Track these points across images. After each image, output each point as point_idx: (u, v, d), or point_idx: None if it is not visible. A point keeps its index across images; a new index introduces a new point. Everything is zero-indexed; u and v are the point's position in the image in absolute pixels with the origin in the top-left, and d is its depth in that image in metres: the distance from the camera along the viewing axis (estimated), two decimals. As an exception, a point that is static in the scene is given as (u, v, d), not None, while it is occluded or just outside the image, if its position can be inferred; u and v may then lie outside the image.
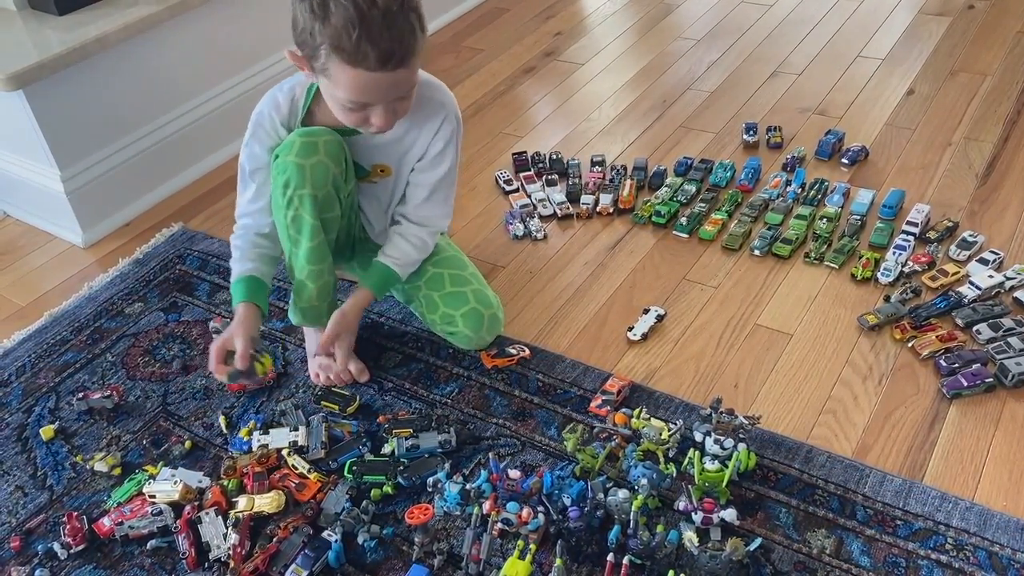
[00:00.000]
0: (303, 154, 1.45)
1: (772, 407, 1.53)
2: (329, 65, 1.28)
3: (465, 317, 1.61)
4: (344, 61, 1.26)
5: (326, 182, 1.48)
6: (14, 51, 1.97)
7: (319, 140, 1.46)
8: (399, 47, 1.25)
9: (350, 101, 1.33)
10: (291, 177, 1.46)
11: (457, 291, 1.63)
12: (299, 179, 1.46)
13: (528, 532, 1.31)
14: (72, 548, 1.38)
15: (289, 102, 1.50)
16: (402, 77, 1.31)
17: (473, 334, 1.62)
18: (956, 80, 2.43)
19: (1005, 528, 1.29)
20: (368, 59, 1.25)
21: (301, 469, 1.46)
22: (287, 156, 1.46)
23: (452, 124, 1.54)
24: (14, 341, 1.84)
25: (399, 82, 1.32)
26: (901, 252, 1.80)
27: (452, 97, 1.55)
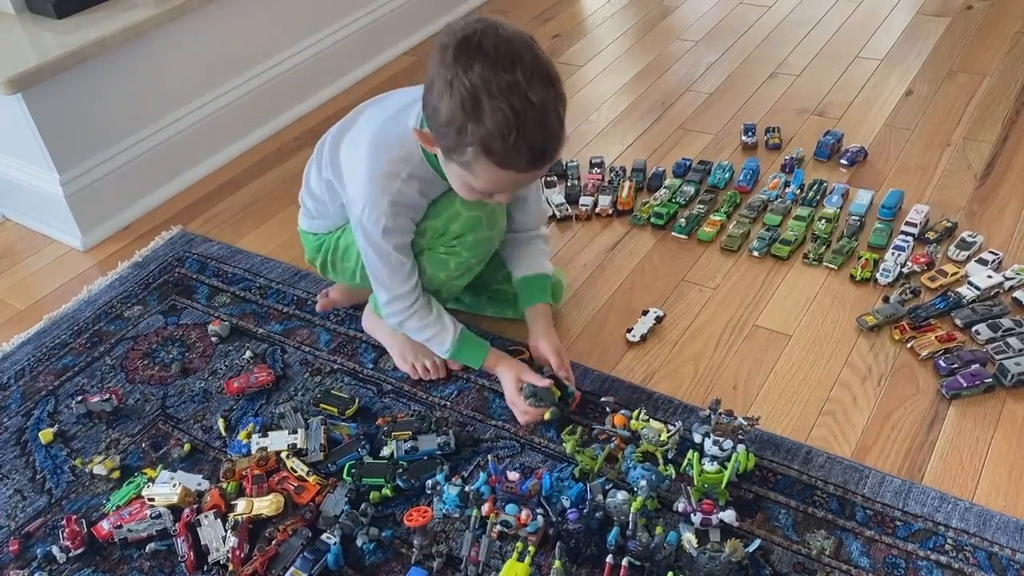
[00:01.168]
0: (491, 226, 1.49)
1: (771, 408, 1.53)
2: (475, 163, 1.23)
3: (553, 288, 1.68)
4: (494, 163, 1.21)
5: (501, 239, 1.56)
6: (13, 55, 1.97)
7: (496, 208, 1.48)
8: (551, 147, 1.21)
9: (484, 191, 1.32)
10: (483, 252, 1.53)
11: None
12: (488, 249, 1.54)
13: (527, 534, 1.31)
14: (71, 551, 1.38)
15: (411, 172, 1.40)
16: (545, 169, 1.28)
17: (555, 303, 1.71)
18: (955, 80, 2.43)
19: (1004, 528, 1.29)
20: (520, 162, 1.21)
21: (300, 472, 1.46)
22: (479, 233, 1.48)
23: None
24: (13, 345, 1.84)
25: (540, 174, 1.30)
26: (900, 253, 1.80)
27: None
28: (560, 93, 1.22)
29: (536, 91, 1.17)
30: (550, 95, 1.19)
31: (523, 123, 1.16)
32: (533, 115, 1.17)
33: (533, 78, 1.17)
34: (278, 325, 1.81)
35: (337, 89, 2.72)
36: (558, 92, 1.21)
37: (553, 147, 1.22)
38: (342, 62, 2.72)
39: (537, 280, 1.63)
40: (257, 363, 1.71)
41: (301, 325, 1.80)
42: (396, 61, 2.86)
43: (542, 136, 1.19)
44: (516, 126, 1.16)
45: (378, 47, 2.84)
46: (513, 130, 1.16)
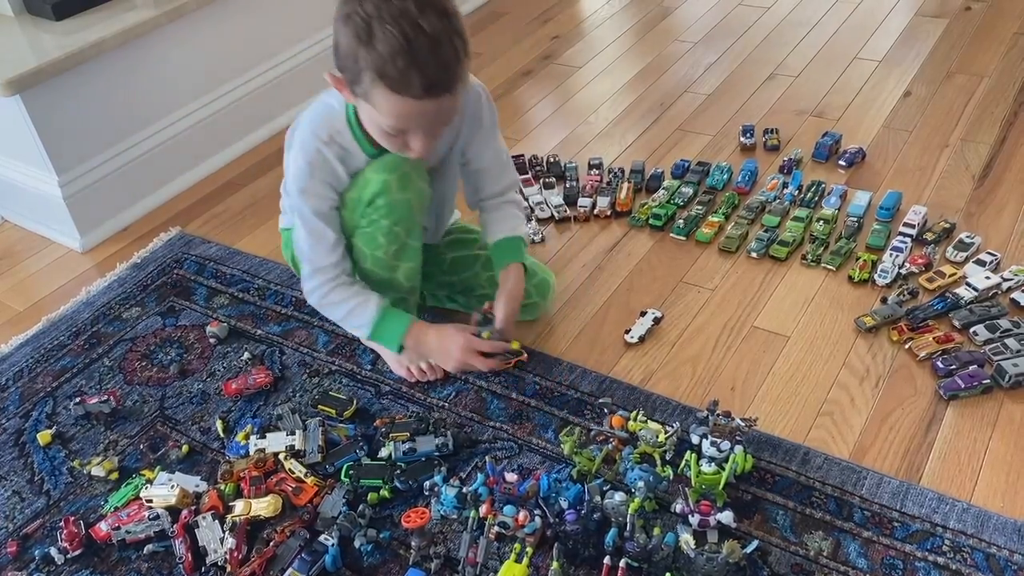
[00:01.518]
0: (404, 188, 1.45)
1: (769, 409, 1.53)
2: (372, 91, 1.26)
3: (537, 287, 1.69)
4: (388, 88, 1.23)
5: (424, 205, 1.51)
6: (11, 56, 1.97)
7: (409, 169, 1.45)
8: (445, 75, 1.23)
9: (391, 127, 1.32)
10: (401, 215, 1.47)
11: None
12: (408, 213, 1.48)
13: (525, 535, 1.31)
14: (69, 553, 1.38)
15: (331, 136, 1.44)
16: (447, 105, 1.29)
17: (543, 302, 1.71)
18: (953, 82, 2.43)
19: (1002, 529, 1.29)
20: (414, 87, 1.22)
21: (298, 473, 1.46)
22: (390, 197, 1.44)
23: (483, 97, 1.53)
24: (12, 346, 1.84)
25: (444, 110, 1.30)
26: (898, 254, 1.81)
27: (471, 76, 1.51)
28: (456, 28, 1.24)
29: (429, 19, 1.20)
30: (445, 25, 1.21)
31: (414, 48, 1.19)
32: (424, 41, 1.19)
33: (426, 7, 1.20)
34: (276, 326, 1.81)
35: (336, 90, 2.71)
36: (454, 26, 1.23)
37: (448, 77, 1.24)
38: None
39: (507, 242, 1.62)
40: (255, 364, 1.71)
41: (299, 326, 1.80)
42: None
43: (434, 62, 1.21)
44: (406, 50, 1.19)
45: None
46: (403, 54, 1.19)
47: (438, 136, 1.39)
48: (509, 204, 1.67)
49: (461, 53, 1.24)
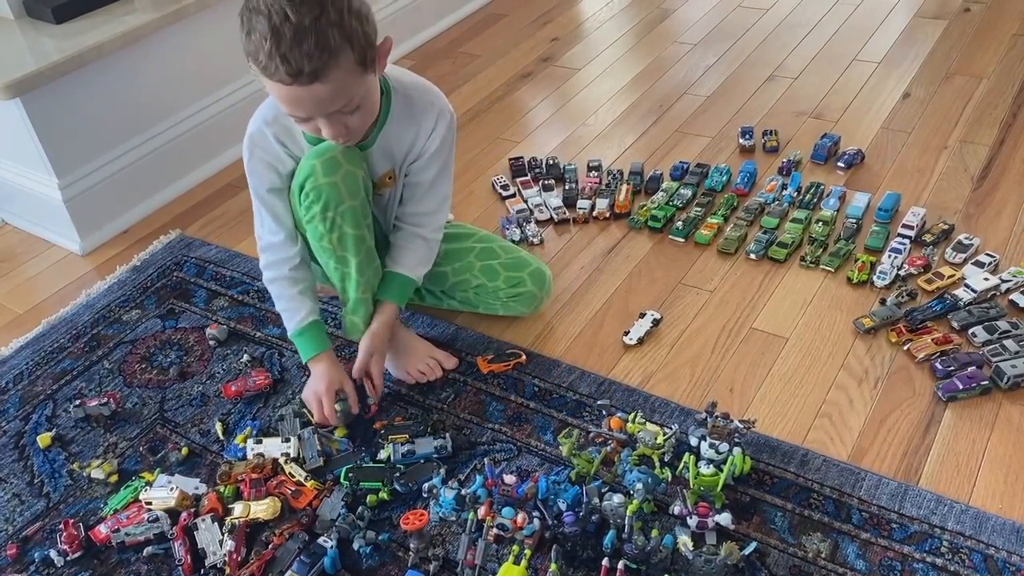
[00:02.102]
0: (329, 172, 1.44)
1: (768, 411, 1.53)
2: (258, 77, 1.30)
3: (532, 276, 1.70)
4: (262, 74, 1.27)
5: (358, 189, 1.48)
6: (11, 59, 1.97)
7: (336, 153, 1.45)
8: (308, 63, 1.23)
9: (289, 114, 1.35)
10: (328, 198, 1.45)
11: (514, 257, 1.72)
12: (336, 196, 1.45)
13: (523, 537, 1.31)
14: (69, 555, 1.38)
15: (275, 116, 1.48)
16: (324, 92, 1.28)
17: (539, 291, 1.71)
18: (952, 83, 2.43)
19: (1000, 531, 1.29)
20: (279, 72, 1.24)
21: (298, 477, 1.46)
22: (316, 181, 1.44)
23: (447, 121, 1.54)
24: (12, 349, 1.84)
25: (322, 98, 1.29)
26: (897, 255, 1.81)
27: (444, 99, 1.55)
28: (331, 19, 1.24)
29: (299, 9, 1.21)
30: (316, 15, 1.22)
31: (276, 34, 1.22)
32: (288, 29, 1.22)
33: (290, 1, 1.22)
34: (276, 329, 1.81)
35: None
36: (329, 17, 1.24)
37: (312, 65, 1.24)
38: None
39: (391, 277, 1.60)
40: (255, 367, 1.72)
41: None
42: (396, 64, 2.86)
43: (299, 51, 1.22)
44: (270, 35, 1.22)
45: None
46: (268, 40, 1.22)
47: (354, 125, 1.38)
48: (417, 239, 1.61)
49: (334, 41, 1.24)
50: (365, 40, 1.29)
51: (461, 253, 1.72)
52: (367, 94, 1.36)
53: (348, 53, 1.27)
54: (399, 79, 1.52)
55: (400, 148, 1.54)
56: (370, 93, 1.37)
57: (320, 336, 1.57)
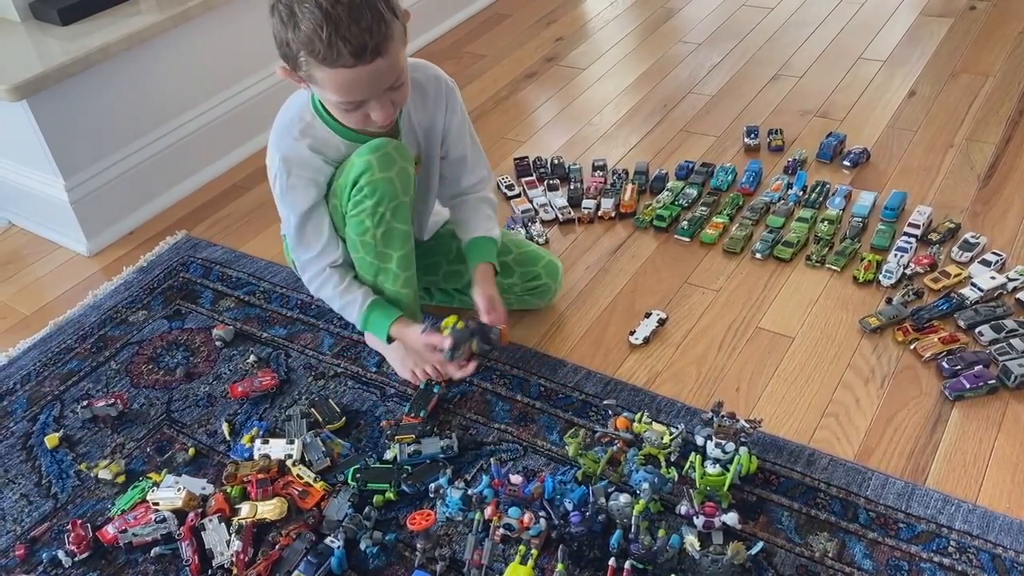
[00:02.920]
0: (386, 167, 1.44)
1: (774, 410, 1.53)
2: (311, 71, 1.30)
3: (546, 268, 1.72)
4: (322, 63, 1.27)
5: (410, 185, 1.50)
6: (18, 61, 1.98)
7: (390, 149, 1.45)
8: (371, 37, 1.24)
9: (343, 102, 1.34)
10: (383, 194, 1.45)
11: (527, 251, 1.73)
12: (391, 192, 1.46)
13: (530, 537, 1.31)
14: (77, 556, 1.38)
15: (302, 129, 1.47)
16: (384, 67, 1.30)
17: (553, 283, 1.74)
18: (958, 81, 2.43)
19: (1008, 530, 1.29)
20: (343, 56, 1.25)
21: (307, 478, 1.46)
22: (372, 176, 1.44)
23: (456, 92, 1.57)
24: (19, 350, 1.85)
25: (383, 73, 1.31)
26: (903, 254, 1.80)
27: (440, 69, 1.56)
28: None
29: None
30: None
31: (334, 18, 1.22)
32: (342, 9, 1.23)
33: None
34: (282, 329, 1.82)
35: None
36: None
37: (374, 39, 1.25)
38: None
39: (482, 242, 1.62)
40: (261, 367, 1.72)
41: (305, 329, 1.81)
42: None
43: (357, 28, 1.23)
44: (325, 21, 1.22)
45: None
46: (325, 26, 1.22)
47: (398, 102, 1.39)
48: (484, 203, 1.67)
49: (385, 13, 1.26)
50: (401, 11, 1.31)
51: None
52: (406, 68, 1.38)
53: (396, 23, 1.29)
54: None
55: (422, 129, 1.56)
56: (405, 67, 1.37)
57: (387, 309, 1.56)
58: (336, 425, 1.57)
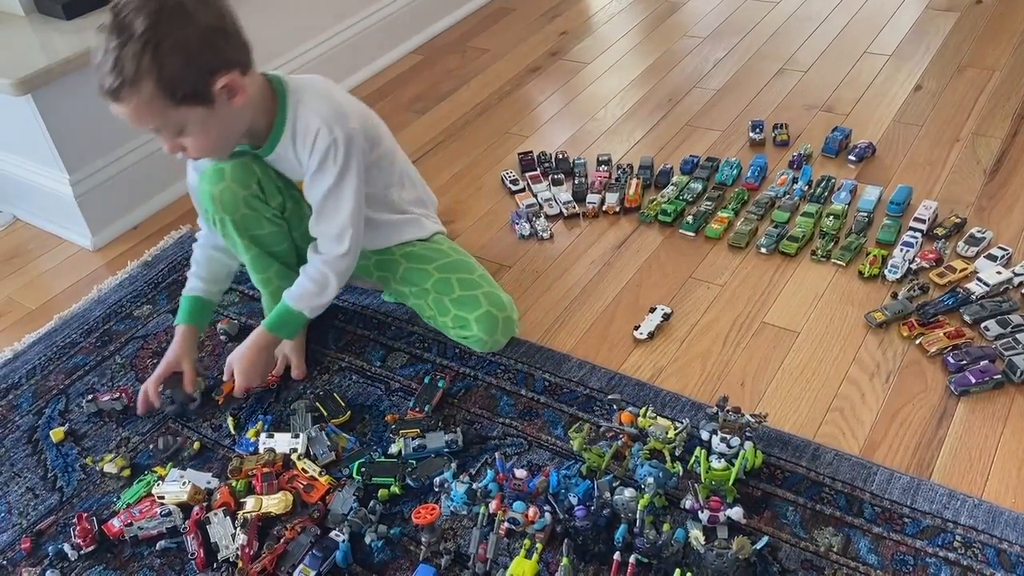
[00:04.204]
0: (212, 181, 1.54)
1: (779, 405, 1.53)
2: None
3: (479, 320, 1.61)
4: None
5: (237, 206, 1.55)
6: (22, 56, 1.98)
7: (226, 166, 1.53)
8: (110, 81, 1.30)
9: None
10: (207, 204, 1.56)
11: (468, 295, 1.63)
12: (212, 207, 1.55)
13: (535, 531, 1.31)
14: (82, 549, 1.39)
15: None
16: (126, 113, 1.35)
17: (488, 337, 1.63)
18: (964, 76, 2.42)
19: (1014, 525, 1.29)
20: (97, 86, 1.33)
21: (312, 472, 1.46)
22: (202, 184, 1.56)
23: (327, 138, 1.48)
24: (24, 344, 1.85)
25: (128, 116, 1.36)
26: (908, 249, 1.80)
27: (339, 109, 1.50)
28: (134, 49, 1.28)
29: (110, 34, 1.30)
30: (121, 41, 1.29)
31: (93, 55, 1.33)
32: (101, 50, 1.31)
33: (112, 24, 1.31)
34: (286, 324, 1.82)
35: (344, 88, 2.71)
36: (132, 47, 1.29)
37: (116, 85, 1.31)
38: (349, 61, 2.73)
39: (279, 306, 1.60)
40: (266, 362, 1.72)
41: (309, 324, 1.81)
42: (403, 60, 2.87)
43: (104, 70, 1.31)
44: (95, 51, 1.33)
45: (385, 46, 2.84)
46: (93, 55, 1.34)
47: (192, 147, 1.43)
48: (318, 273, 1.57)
49: (128, 71, 1.30)
50: (176, 78, 1.32)
51: (419, 277, 1.68)
52: (194, 125, 1.39)
53: (148, 85, 1.31)
54: (301, 90, 1.52)
55: (290, 164, 1.56)
56: (201, 125, 1.39)
57: (196, 309, 1.68)
58: (341, 419, 1.57)
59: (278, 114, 1.50)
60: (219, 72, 1.36)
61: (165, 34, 1.29)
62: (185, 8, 1.32)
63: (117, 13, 1.30)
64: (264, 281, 1.67)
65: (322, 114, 1.49)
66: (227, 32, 1.38)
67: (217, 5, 1.37)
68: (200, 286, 1.68)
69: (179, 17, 1.31)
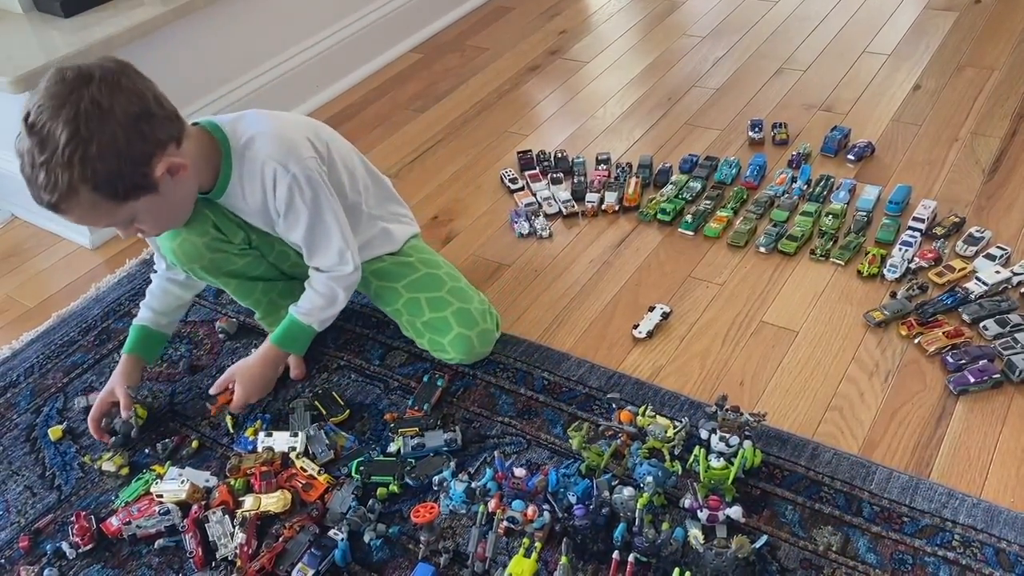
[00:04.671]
0: (169, 237, 1.52)
1: (778, 404, 1.53)
2: None
3: (453, 344, 1.60)
4: None
5: (200, 255, 1.54)
6: (20, 53, 1.98)
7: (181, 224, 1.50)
8: (48, 197, 1.27)
9: None
10: (172, 259, 1.57)
11: (437, 316, 1.60)
12: (178, 260, 1.55)
13: (534, 530, 1.31)
14: (80, 548, 1.39)
15: None
16: (73, 218, 1.33)
17: (466, 356, 1.62)
18: (963, 75, 2.42)
19: (1012, 524, 1.29)
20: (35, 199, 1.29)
21: (311, 471, 1.46)
22: (162, 241, 1.54)
23: (286, 179, 1.43)
24: (23, 342, 1.85)
25: (74, 220, 1.35)
26: (907, 248, 1.80)
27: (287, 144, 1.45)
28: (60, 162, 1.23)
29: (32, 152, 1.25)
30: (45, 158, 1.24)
31: (23, 163, 1.27)
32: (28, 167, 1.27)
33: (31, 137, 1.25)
34: (285, 322, 1.81)
35: (343, 86, 2.72)
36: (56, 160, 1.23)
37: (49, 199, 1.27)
38: (348, 59, 2.73)
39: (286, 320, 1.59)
40: (264, 360, 1.72)
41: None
42: (402, 58, 2.87)
43: (35, 184, 1.27)
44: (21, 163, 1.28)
45: (384, 44, 2.84)
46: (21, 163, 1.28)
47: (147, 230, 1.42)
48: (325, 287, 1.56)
49: (61, 183, 1.25)
50: (113, 177, 1.27)
51: (390, 297, 1.65)
52: (144, 212, 1.36)
53: (86, 191, 1.26)
54: (240, 135, 1.45)
55: (251, 212, 1.52)
56: (151, 209, 1.36)
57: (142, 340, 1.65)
58: (340, 418, 1.57)
59: (223, 162, 1.44)
60: (154, 157, 1.30)
61: (89, 138, 1.23)
62: (101, 106, 1.23)
63: (32, 125, 1.23)
64: (254, 303, 1.70)
65: (273, 155, 1.43)
66: (151, 113, 1.30)
67: (132, 87, 1.28)
68: (149, 316, 1.65)
69: (98, 116, 1.23)
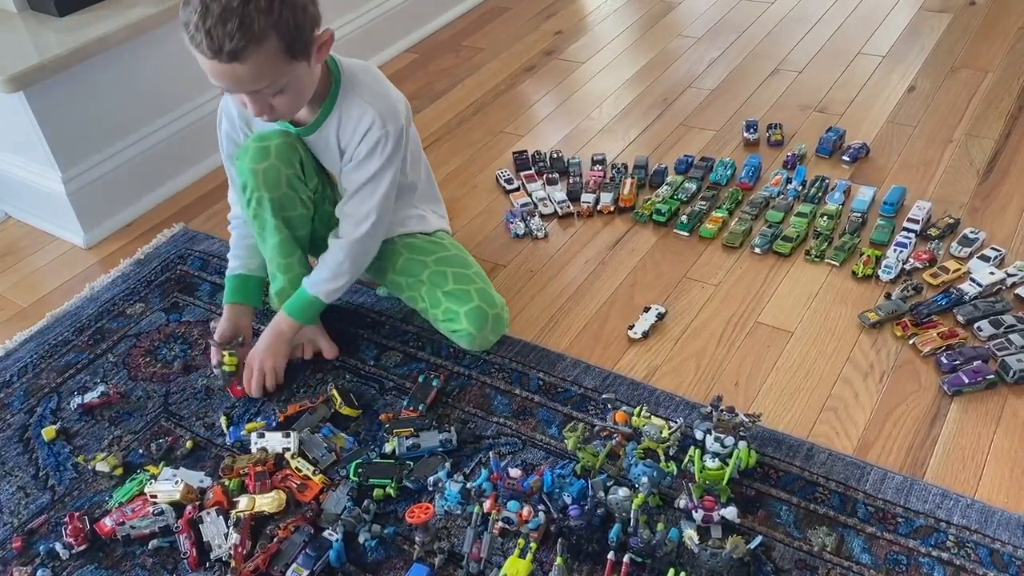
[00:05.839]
0: (256, 159, 1.53)
1: (773, 405, 1.53)
2: (190, 46, 1.33)
3: (468, 315, 1.60)
4: (190, 43, 1.31)
5: (279, 184, 1.54)
6: (14, 52, 1.97)
7: (271, 144, 1.53)
8: (229, 42, 1.27)
9: (213, 83, 1.37)
10: (247, 180, 1.55)
11: (461, 288, 1.63)
12: (254, 183, 1.54)
13: (529, 531, 1.31)
14: (74, 548, 1.38)
15: None
16: (242, 72, 1.32)
17: (476, 332, 1.62)
18: (957, 76, 2.43)
19: (1006, 525, 1.29)
20: (202, 46, 1.29)
21: (305, 471, 1.46)
22: (243, 161, 1.54)
23: (379, 131, 1.50)
24: (16, 342, 1.84)
25: (239, 76, 1.33)
26: (902, 249, 1.80)
27: (393, 110, 1.52)
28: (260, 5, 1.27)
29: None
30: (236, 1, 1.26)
31: (208, 13, 1.27)
32: (218, 7, 1.27)
33: None
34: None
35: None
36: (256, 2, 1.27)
37: (233, 45, 1.27)
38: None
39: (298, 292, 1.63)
40: (259, 360, 1.71)
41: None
42: (398, 58, 2.86)
43: (222, 30, 1.27)
44: (200, 12, 1.27)
45: (380, 44, 2.84)
46: (197, 14, 1.28)
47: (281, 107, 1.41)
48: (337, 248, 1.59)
49: (258, 28, 1.27)
50: (296, 29, 1.32)
51: (416, 268, 1.67)
52: (294, 81, 1.38)
53: (273, 40, 1.30)
54: (355, 76, 1.52)
55: (337, 143, 1.55)
56: (299, 80, 1.39)
57: (238, 288, 1.70)
58: (350, 411, 1.56)
59: (327, 97, 1.50)
60: (319, 24, 1.35)
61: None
62: None
63: None
64: (287, 267, 1.64)
65: (377, 108, 1.50)
66: None
67: None
68: (238, 263, 1.70)
69: None
